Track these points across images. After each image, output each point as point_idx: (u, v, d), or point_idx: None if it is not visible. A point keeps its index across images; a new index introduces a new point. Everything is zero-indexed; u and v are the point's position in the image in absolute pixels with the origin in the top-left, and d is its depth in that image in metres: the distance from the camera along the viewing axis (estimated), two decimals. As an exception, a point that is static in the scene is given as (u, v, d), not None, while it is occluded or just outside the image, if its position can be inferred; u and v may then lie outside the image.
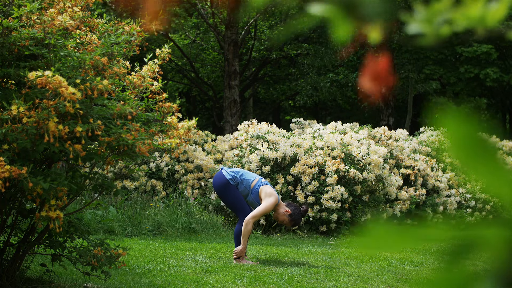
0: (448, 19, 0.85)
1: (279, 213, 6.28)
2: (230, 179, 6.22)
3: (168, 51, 4.37)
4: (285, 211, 6.25)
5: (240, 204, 6.17)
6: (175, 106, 4.24)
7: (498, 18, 0.84)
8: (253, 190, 6.22)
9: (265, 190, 6.19)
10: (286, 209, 6.26)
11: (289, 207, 6.30)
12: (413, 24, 0.86)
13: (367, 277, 5.54)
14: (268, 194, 6.16)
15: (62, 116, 3.55)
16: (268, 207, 6.11)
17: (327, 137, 9.72)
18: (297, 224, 6.36)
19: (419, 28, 0.85)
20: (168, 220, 8.76)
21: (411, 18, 0.86)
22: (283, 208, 6.27)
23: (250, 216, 6.08)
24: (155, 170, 10.45)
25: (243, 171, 6.36)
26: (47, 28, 3.78)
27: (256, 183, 6.24)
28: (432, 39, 0.86)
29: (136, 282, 4.77)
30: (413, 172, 10.89)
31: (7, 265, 4.18)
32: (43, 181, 3.43)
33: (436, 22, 0.85)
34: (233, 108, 17.02)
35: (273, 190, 6.26)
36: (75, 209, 5.01)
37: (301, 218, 6.34)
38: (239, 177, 6.26)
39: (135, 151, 3.79)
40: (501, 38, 19.35)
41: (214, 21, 18.37)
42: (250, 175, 6.31)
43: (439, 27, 0.85)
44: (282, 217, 6.28)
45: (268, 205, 6.11)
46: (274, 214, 6.35)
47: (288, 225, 6.37)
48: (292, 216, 6.26)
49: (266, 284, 5.02)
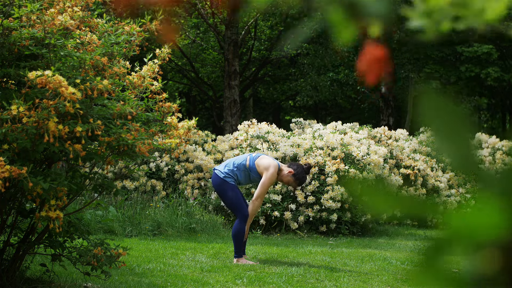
0: (448, 13, 0.85)
1: (283, 176, 6.20)
2: (225, 176, 6.13)
3: (168, 51, 4.37)
4: (288, 172, 6.17)
5: (237, 204, 6.12)
6: (175, 106, 4.24)
7: (498, 12, 0.84)
8: (250, 168, 6.14)
9: (261, 163, 6.11)
10: (289, 170, 6.18)
11: (291, 167, 6.22)
12: (414, 18, 0.86)
13: (367, 277, 5.54)
14: (265, 167, 6.09)
15: (62, 116, 3.55)
16: (270, 180, 6.06)
17: (327, 137, 9.72)
18: (303, 182, 6.26)
19: (419, 23, 0.85)
20: (168, 220, 8.76)
21: (412, 13, 0.86)
22: (285, 170, 6.19)
23: (254, 198, 6.07)
24: (155, 170, 10.45)
25: (233, 159, 6.26)
26: (47, 28, 3.78)
27: (249, 161, 6.16)
28: (432, 34, 0.87)
29: (136, 282, 4.77)
30: (413, 172, 10.89)
31: (7, 265, 4.18)
32: (43, 181, 3.43)
33: (436, 16, 0.85)
34: (233, 108, 17.02)
35: (269, 159, 6.18)
36: (75, 209, 5.01)
37: (306, 176, 6.25)
38: (233, 167, 6.16)
39: (135, 151, 3.79)
40: (501, 38, 19.35)
41: (214, 21, 18.37)
42: (241, 158, 6.22)
43: (439, 21, 0.85)
44: (286, 178, 6.20)
45: (268, 178, 6.05)
46: (278, 178, 6.25)
47: (294, 186, 6.30)
48: (296, 175, 6.18)
49: (266, 284, 5.02)
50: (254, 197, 6.10)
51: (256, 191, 6.10)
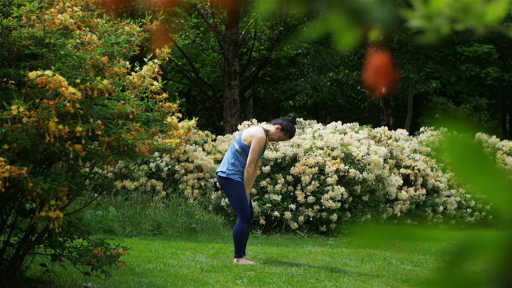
0: (448, 16, 0.85)
1: (273, 134, 6.20)
2: (228, 174, 6.09)
3: (168, 51, 4.37)
4: (276, 128, 6.18)
5: (240, 204, 6.10)
6: (175, 106, 4.24)
7: (498, 15, 0.84)
8: (243, 149, 6.10)
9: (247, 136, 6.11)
10: (276, 126, 6.19)
11: (277, 122, 6.23)
12: (414, 21, 0.86)
13: (367, 277, 5.54)
14: (251, 135, 6.09)
15: (62, 116, 3.55)
16: (258, 144, 6.05)
17: (327, 137, 9.72)
18: (293, 133, 6.26)
19: (419, 25, 0.85)
20: (168, 220, 8.76)
21: (412, 15, 0.86)
22: (272, 128, 6.20)
23: (247, 165, 6.05)
24: (155, 170, 10.45)
25: (226, 155, 6.24)
26: (47, 27, 3.78)
27: (237, 144, 6.12)
28: (433, 36, 0.87)
29: (136, 282, 4.77)
30: (413, 172, 10.89)
31: (7, 265, 4.18)
32: (43, 182, 3.43)
33: (436, 19, 0.85)
34: (233, 108, 17.02)
35: (251, 128, 6.18)
36: (75, 209, 5.01)
37: (294, 127, 6.25)
38: (231, 161, 6.12)
39: (135, 151, 3.79)
40: (501, 38, 19.34)
41: (214, 21, 18.37)
42: (230, 149, 6.20)
43: (439, 24, 0.85)
44: (276, 135, 6.21)
45: (257, 142, 6.05)
46: (269, 138, 6.25)
47: (285, 139, 6.29)
48: (284, 128, 6.19)
49: (266, 284, 5.02)
50: (247, 164, 6.06)
51: (248, 158, 6.08)
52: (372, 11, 0.81)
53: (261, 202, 9.14)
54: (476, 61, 20.72)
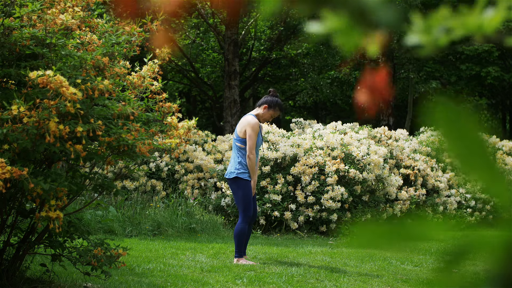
0: (447, 28, 0.86)
1: (264, 115, 6.27)
2: (238, 174, 6.11)
3: (168, 51, 4.37)
4: (263, 108, 6.25)
5: (244, 204, 6.09)
6: (175, 106, 4.24)
7: (495, 26, 0.85)
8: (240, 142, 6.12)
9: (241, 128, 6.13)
10: (263, 106, 6.25)
11: (261, 103, 6.29)
12: (413, 35, 0.86)
13: (367, 277, 5.54)
14: (245, 126, 6.12)
15: (62, 116, 3.55)
16: (253, 129, 6.08)
17: (327, 137, 9.72)
18: (282, 106, 6.33)
19: (418, 40, 0.86)
20: (168, 220, 8.77)
21: (410, 29, 0.86)
22: (260, 110, 6.27)
23: (248, 153, 6.07)
24: (155, 170, 10.45)
25: (232, 155, 6.27)
26: (49, 27, 3.78)
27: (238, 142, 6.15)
28: (431, 49, 0.87)
29: (136, 282, 4.77)
30: (413, 172, 10.89)
31: (7, 265, 4.18)
32: (43, 182, 3.43)
33: (435, 32, 0.85)
34: (233, 108, 17.02)
35: (242, 120, 6.20)
36: (75, 209, 5.01)
37: (278, 99, 6.31)
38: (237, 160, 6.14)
39: (135, 151, 3.79)
40: (501, 41, 19.34)
41: (214, 21, 18.37)
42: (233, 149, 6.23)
43: (437, 37, 0.85)
44: (267, 114, 6.28)
45: (251, 128, 6.08)
46: (262, 121, 6.32)
47: (276, 114, 6.34)
48: (270, 104, 6.25)
49: (266, 284, 5.02)
50: (247, 152, 6.10)
51: (246, 146, 6.12)
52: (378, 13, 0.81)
53: (261, 202, 9.15)
54: (476, 61, 20.72)
